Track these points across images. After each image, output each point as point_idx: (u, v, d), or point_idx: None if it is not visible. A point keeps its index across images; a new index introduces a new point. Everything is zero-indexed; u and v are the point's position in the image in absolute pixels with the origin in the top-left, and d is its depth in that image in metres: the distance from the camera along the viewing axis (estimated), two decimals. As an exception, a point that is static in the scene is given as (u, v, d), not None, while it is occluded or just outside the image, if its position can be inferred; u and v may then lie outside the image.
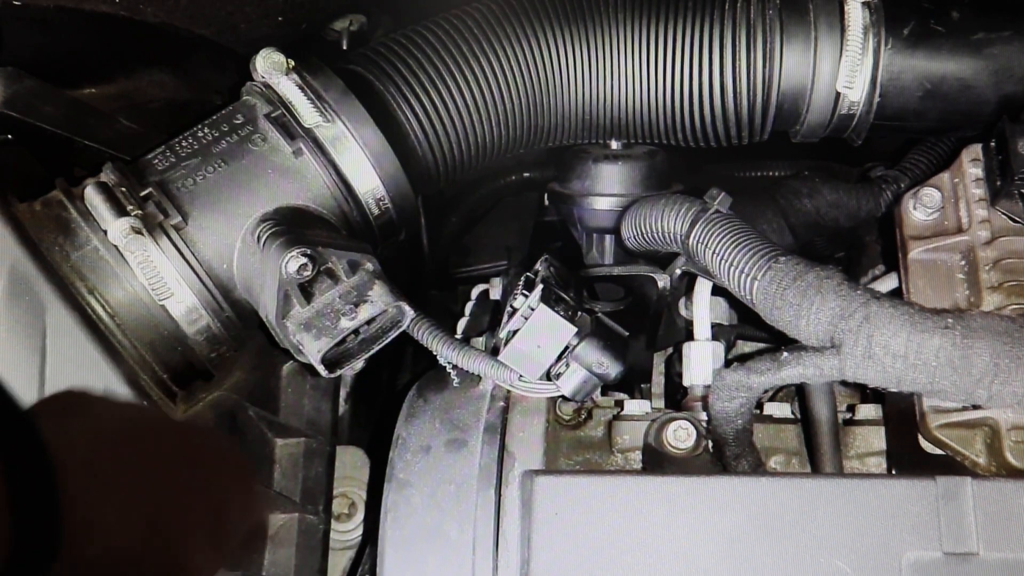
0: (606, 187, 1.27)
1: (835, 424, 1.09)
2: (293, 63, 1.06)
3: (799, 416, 1.13)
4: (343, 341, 0.95)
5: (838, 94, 1.13)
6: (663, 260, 1.16)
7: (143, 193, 1.01)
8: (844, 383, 1.14)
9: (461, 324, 1.25)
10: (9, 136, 1.10)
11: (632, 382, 1.26)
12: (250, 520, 0.66)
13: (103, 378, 0.96)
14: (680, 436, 1.05)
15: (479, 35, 1.13)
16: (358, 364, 1.01)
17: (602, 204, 1.27)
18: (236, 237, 1.02)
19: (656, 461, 1.06)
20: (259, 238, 0.98)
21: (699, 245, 1.06)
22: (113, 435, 0.61)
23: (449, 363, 1.08)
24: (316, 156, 1.04)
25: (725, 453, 1.06)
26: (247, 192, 1.03)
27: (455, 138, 1.13)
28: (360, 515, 1.30)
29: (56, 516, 0.50)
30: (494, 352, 1.04)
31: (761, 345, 1.24)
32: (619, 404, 1.12)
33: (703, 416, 1.09)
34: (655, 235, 1.12)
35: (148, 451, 0.61)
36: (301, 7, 1.15)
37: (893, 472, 1.08)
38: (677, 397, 1.21)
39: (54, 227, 0.99)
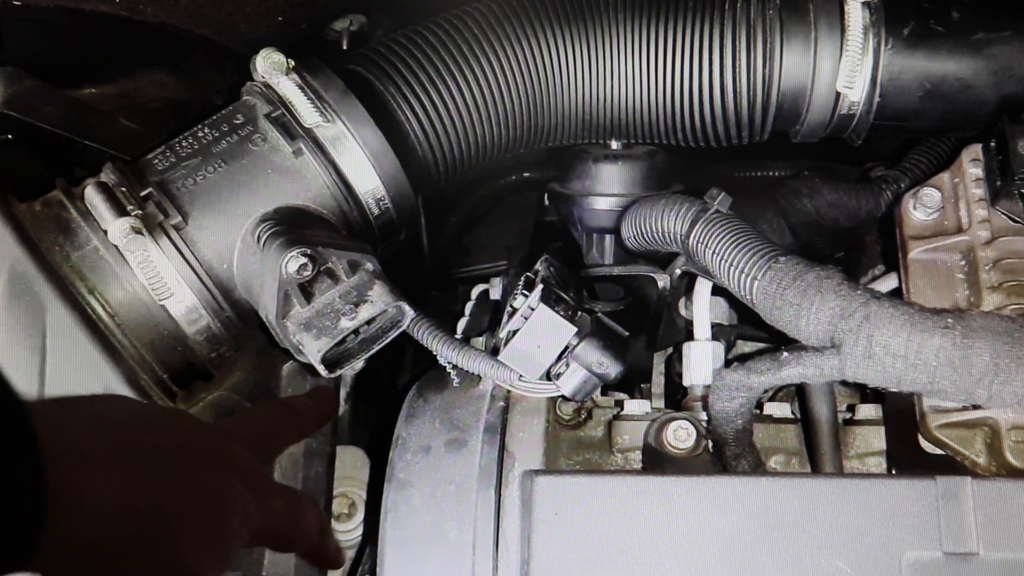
0: (606, 187, 1.27)
1: (835, 424, 1.09)
2: (293, 63, 1.06)
3: (799, 416, 1.13)
4: (343, 341, 0.95)
5: (838, 94, 1.13)
6: (663, 260, 1.16)
7: (143, 193, 1.01)
8: (844, 383, 1.14)
9: (461, 324, 1.25)
10: (9, 136, 1.10)
11: (632, 382, 1.26)
12: (259, 522, 0.64)
13: (103, 378, 0.96)
14: (680, 436, 1.05)
15: (479, 35, 1.13)
16: (358, 364, 1.01)
17: (602, 204, 1.27)
18: (236, 237, 1.02)
19: (656, 461, 1.06)
20: (259, 238, 0.98)
21: (699, 245, 1.06)
22: (111, 420, 0.60)
23: (449, 363, 1.08)
24: (316, 156, 1.04)
25: (725, 453, 1.06)
26: (247, 192, 1.03)
27: (455, 138, 1.13)
28: (360, 515, 1.30)
29: (41, 495, 0.50)
30: (494, 352, 1.04)
31: (761, 345, 1.23)
32: (619, 404, 1.12)
33: (703, 416, 1.09)
34: (655, 235, 1.12)
35: (149, 440, 0.60)
36: (301, 7, 1.15)
37: (893, 472, 1.08)
38: (677, 397, 1.21)
39: (54, 227, 0.99)
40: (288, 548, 0.71)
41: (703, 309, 1.16)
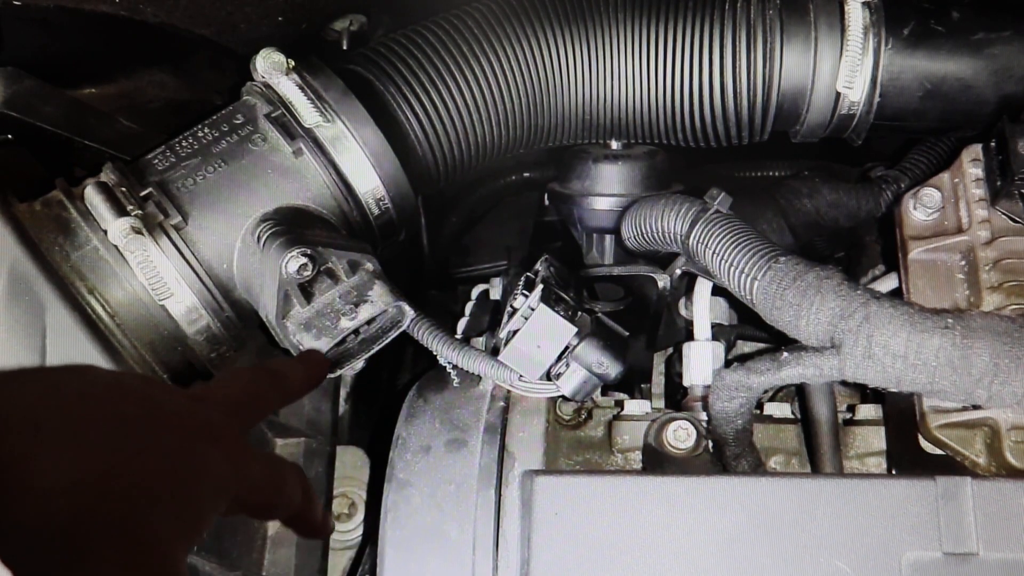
0: (606, 187, 1.27)
1: (835, 424, 1.09)
2: (293, 63, 1.06)
3: (799, 416, 1.13)
4: (343, 341, 0.95)
5: (838, 94, 1.13)
6: (663, 260, 1.16)
7: (143, 193, 1.01)
8: (844, 383, 1.14)
9: (461, 324, 1.25)
10: (9, 136, 1.10)
11: (632, 382, 1.26)
12: (236, 490, 0.61)
13: (103, 378, 0.96)
14: (680, 436, 1.05)
15: (479, 35, 1.13)
16: (358, 364, 1.01)
17: (602, 204, 1.27)
18: (236, 237, 1.02)
19: (656, 461, 1.06)
20: (259, 238, 0.98)
21: (699, 245, 1.06)
22: (71, 390, 0.57)
23: (449, 363, 1.08)
24: (316, 156, 1.04)
25: (725, 453, 1.06)
26: (247, 192, 1.03)
27: (455, 138, 1.13)
28: (360, 515, 1.30)
29: None
30: (494, 352, 1.04)
31: (761, 345, 1.24)
32: (619, 404, 1.12)
33: (703, 416, 1.09)
34: (655, 235, 1.12)
35: (111, 410, 0.57)
36: (301, 7, 1.15)
37: (893, 472, 1.08)
38: (677, 397, 1.21)
39: (54, 227, 0.99)
40: (270, 516, 0.67)
41: (703, 309, 1.16)
